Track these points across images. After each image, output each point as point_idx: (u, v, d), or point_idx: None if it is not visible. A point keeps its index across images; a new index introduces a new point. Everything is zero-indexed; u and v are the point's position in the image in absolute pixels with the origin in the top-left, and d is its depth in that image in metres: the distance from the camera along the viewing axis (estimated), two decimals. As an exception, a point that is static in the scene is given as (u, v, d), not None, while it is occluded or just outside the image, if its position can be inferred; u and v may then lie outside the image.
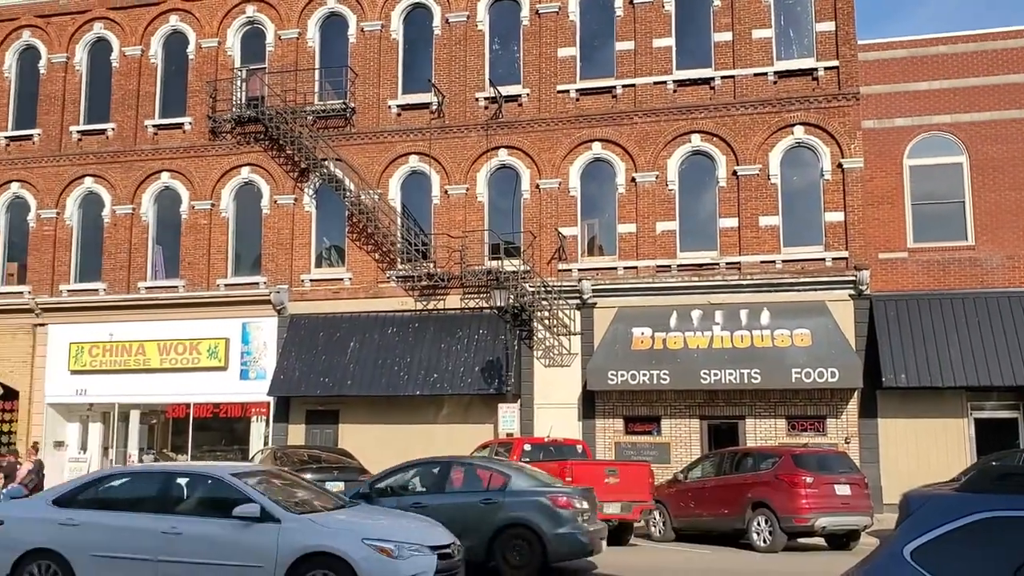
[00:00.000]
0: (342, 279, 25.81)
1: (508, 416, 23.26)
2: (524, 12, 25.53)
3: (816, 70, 23.54)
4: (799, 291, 22.86)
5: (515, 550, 12.74)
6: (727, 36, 24.18)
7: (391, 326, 25.00)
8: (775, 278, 23.03)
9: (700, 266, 23.66)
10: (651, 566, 14.74)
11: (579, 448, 19.63)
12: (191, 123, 27.41)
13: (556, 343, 23.69)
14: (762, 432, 22.60)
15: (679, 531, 18.76)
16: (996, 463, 15.86)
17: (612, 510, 16.87)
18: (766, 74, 23.82)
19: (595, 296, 23.91)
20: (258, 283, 26.24)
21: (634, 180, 24.29)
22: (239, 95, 27.08)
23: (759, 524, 16.87)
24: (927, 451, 21.78)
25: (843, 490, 16.79)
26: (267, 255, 26.43)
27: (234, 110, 26.89)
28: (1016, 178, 22.64)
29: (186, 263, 26.90)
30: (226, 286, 26.52)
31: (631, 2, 24.83)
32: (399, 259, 25.45)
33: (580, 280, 23.97)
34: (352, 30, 26.64)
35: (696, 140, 24.11)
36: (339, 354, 24.80)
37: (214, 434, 26.76)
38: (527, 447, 18.89)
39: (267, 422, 25.74)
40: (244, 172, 26.90)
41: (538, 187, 24.86)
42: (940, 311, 22.11)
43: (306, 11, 27.02)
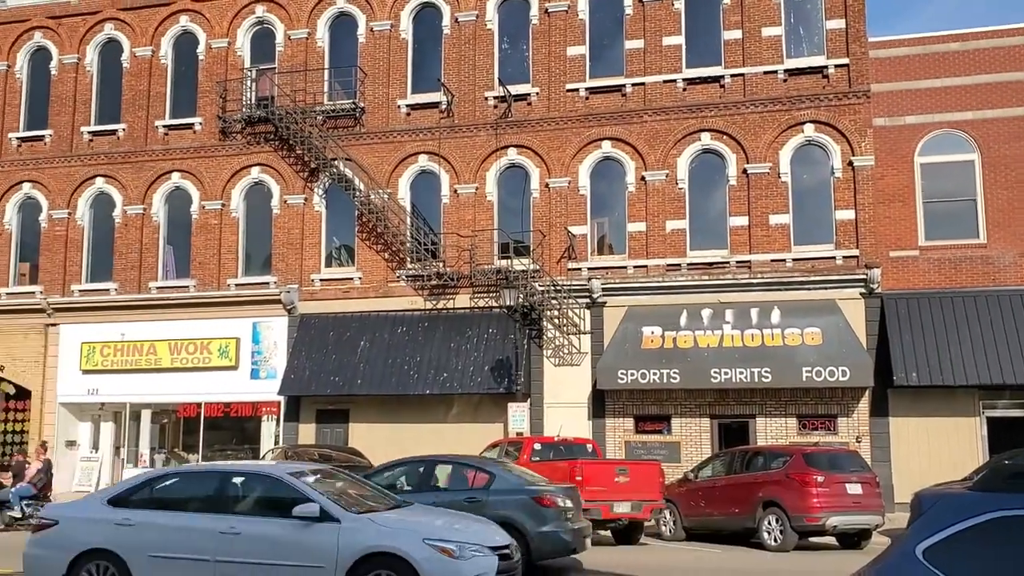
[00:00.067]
0: (352, 278, 25.85)
1: (518, 415, 23.24)
2: (533, 11, 25.51)
3: (826, 68, 23.46)
4: (810, 290, 22.79)
5: None
6: (737, 34, 24.12)
7: (401, 325, 25.03)
8: (785, 276, 22.97)
9: (710, 265, 23.61)
10: (662, 565, 14.71)
11: (589, 447, 19.58)
12: (201, 123, 27.50)
13: (566, 342, 23.67)
14: (773, 431, 22.54)
15: (689, 530, 18.70)
16: (1009, 462, 15.75)
17: (622, 509, 16.84)
18: (776, 72, 23.75)
19: (605, 295, 23.89)
20: (268, 283, 26.30)
21: (644, 179, 24.26)
22: (249, 95, 27.16)
23: (770, 523, 16.81)
24: (939, 450, 21.67)
25: (854, 489, 16.71)
26: (277, 255, 26.50)
27: (244, 110, 26.97)
28: (1028, 175, 22.52)
29: (197, 263, 26.99)
30: (236, 286, 26.60)
31: (640, 0, 24.80)
32: (409, 258, 25.48)
33: (590, 279, 23.95)
34: (361, 30, 26.68)
35: (706, 138, 24.06)
36: (349, 353, 24.84)
37: (225, 433, 26.86)
38: (537, 446, 18.85)
39: (278, 421, 25.82)
40: (254, 172, 26.97)
41: (547, 186, 24.85)
42: (952, 309, 22.00)
43: (315, 11, 27.07)
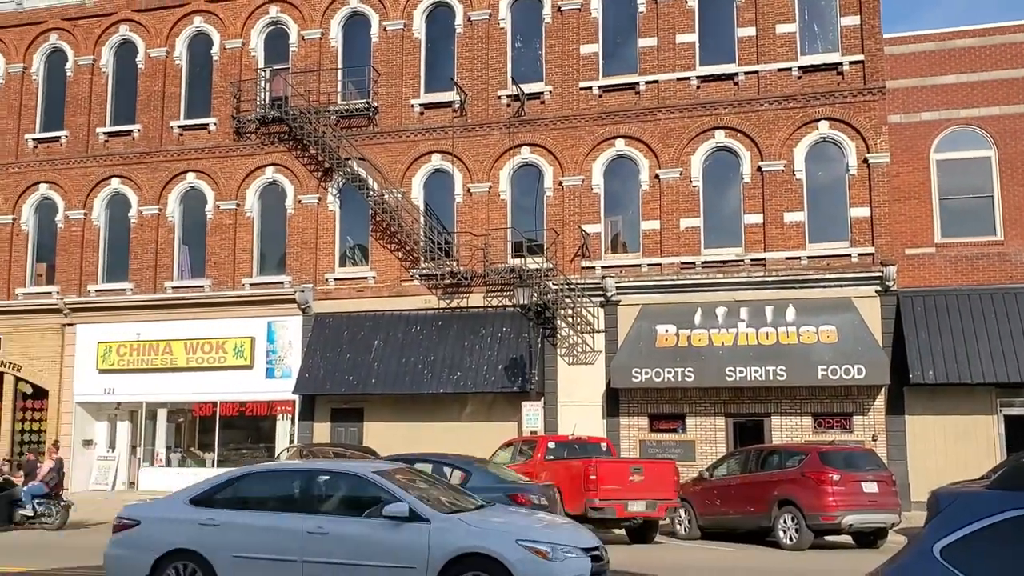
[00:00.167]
0: (366, 278, 25.91)
1: (532, 414, 23.25)
2: (546, 9, 25.49)
3: (841, 64, 23.35)
4: (825, 287, 22.69)
5: None
6: (751, 31, 24.03)
7: (415, 324, 25.07)
8: (800, 274, 22.88)
9: (725, 263, 23.55)
10: (677, 564, 14.69)
11: (603, 446, 19.57)
12: (216, 124, 27.61)
13: (580, 341, 23.65)
14: (788, 429, 22.46)
15: (704, 529, 18.66)
16: (1026, 460, 15.66)
17: (637, 508, 16.83)
18: (790, 69, 23.66)
19: (619, 293, 23.85)
20: (283, 282, 26.39)
21: (658, 177, 24.20)
22: (263, 95, 27.25)
23: (785, 522, 16.75)
24: (956, 448, 21.54)
25: (870, 488, 16.62)
26: (291, 254, 26.58)
27: (258, 110, 27.07)
28: (1045, 172, 22.36)
29: (212, 263, 27.11)
30: (251, 285, 26.71)
31: (653, -2, 24.75)
32: (422, 257, 25.52)
33: (604, 277, 23.92)
34: (375, 29, 26.73)
35: (720, 136, 23.98)
36: (363, 352, 24.90)
37: (240, 432, 26.99)
38: (551, 445, 18.86)
39: (292, 420, 25.92)
40: (268, 172, 27.07)
41: (561, 184, 24.83)
42: (968, 307, 21.86)
43: (329, 11, 27.13)
